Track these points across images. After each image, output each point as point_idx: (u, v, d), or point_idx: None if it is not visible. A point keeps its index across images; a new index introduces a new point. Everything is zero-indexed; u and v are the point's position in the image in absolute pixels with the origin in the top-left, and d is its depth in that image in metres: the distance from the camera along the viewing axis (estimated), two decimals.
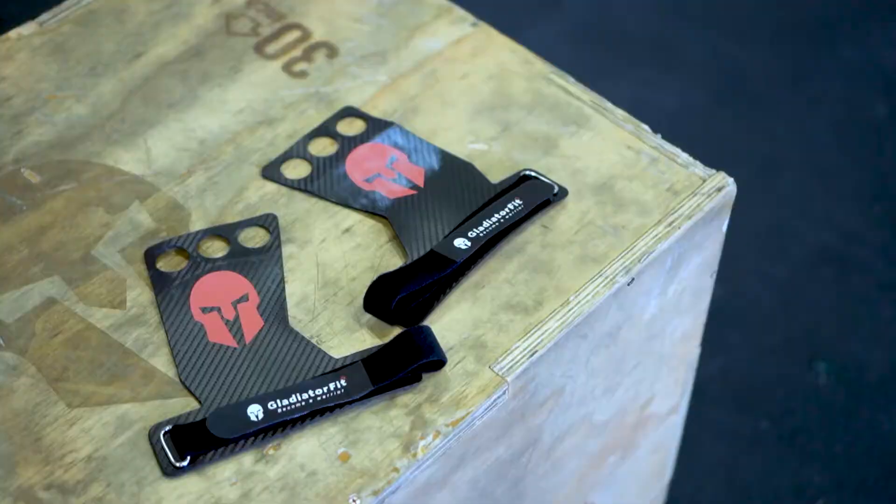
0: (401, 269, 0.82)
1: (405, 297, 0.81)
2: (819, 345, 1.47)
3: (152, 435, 0.77)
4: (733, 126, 1.71)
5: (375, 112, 0.93)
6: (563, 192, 0.88)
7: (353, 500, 0.75)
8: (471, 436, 0.79)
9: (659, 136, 0.93)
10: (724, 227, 0.92)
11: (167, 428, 0.77)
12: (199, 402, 0.78)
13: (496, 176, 0.90)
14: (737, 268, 1.54)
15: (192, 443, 0.76)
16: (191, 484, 0.75)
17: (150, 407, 0.78)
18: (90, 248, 0.86)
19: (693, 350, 1.01)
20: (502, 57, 0.97)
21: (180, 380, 0.79)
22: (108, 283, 0.84)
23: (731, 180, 0.90)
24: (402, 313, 0.82)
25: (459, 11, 1.00)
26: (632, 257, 0.85)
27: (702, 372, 1.45)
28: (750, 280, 1.53)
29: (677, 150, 0.92)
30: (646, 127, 0.93)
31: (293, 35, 0.98)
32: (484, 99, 0.94)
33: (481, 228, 0.85)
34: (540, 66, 0.96)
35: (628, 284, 0.85)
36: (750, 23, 1.83)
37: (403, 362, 0.78)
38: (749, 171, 1.64)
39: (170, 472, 0.76)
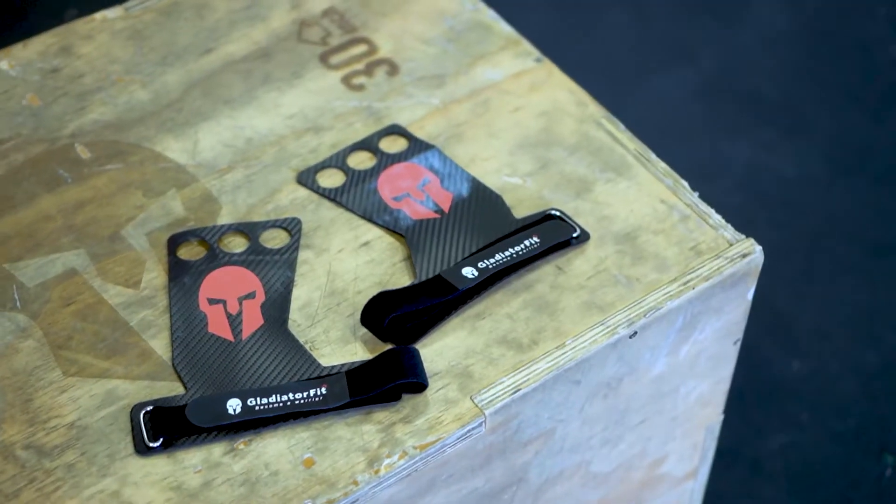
0: (402, 289, 0.84)
1: (400, 316, 0.82)
2: (892, 438, 1.43)
3: (134, 413, 0.79)
4: (850, 201, 1.67)
5: (421, 133, 0.95)
6: (584, 236, 0.88)
7: None
8: (441, 462, 0.80)
9: (696, 194, 0.92)
10: (749, 296, 0.91)
11: (148, 408, 0.79)
12: (185, 387, 0.81)
13: (523, 211, 0.90)
14: (822, 346, 1.50)
15: (168, 426, 0.78)
16: (159, 465, 0.78)
17: (138, 386, 0.81)
18: (120, 227, 0.89)
19: (713, 416, 0.99)
20: (558, 95, 0.97)
21: (172, 364, 0.82)
22: (129, 262, 0.87)
23: (758, 248, 0.88)
24: (395, 332, 0.83)
25: (527, 45, 1.01)
26: (637, 310, 0.85)
27: (763, 446, 1.43)
28: (833, 360, 1.49)
29: (710, 211, 0.91)
30: (685, 183, 0.92)
31: (360, 49, 1.00)
32: (529, 134, 0.95)
33: (492, 260, 0.85)
34: (593, 108, 0.97)
35: (630, 337, 0.84)
36: (885, 98, 1.79)
37: (383, 379, 0.79)
38: (857, 250, 1.60)
39: (142, 450, 0.78)
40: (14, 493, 0.76)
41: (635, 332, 0.85)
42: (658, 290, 0.86)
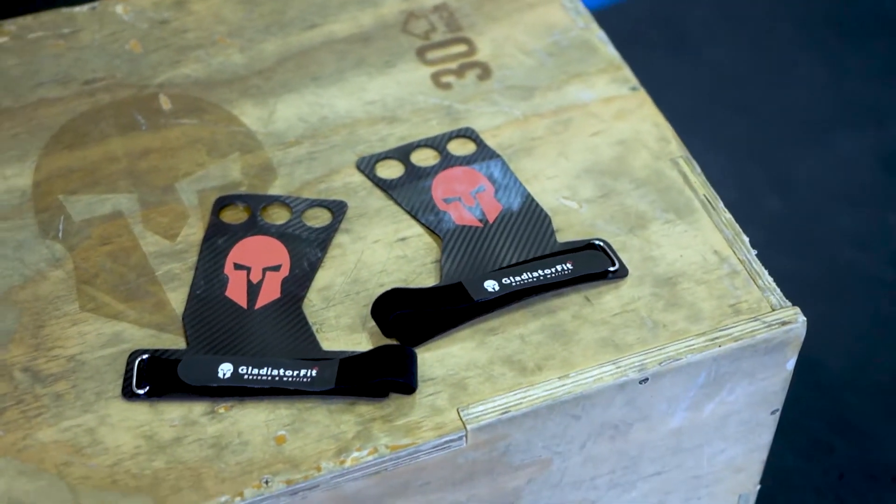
0: (417, 289, 0.83)
1: (407, 315, 0.81)
2: None
3: (131, 358, 0.81)
4: None
5: (493, 141, 0.94)
6: (622, 272, 0.86)
7: (265, 481, 0.76)
8: (416, 468, 0.79)
9: (755, 252, 0.88)
10: (789, 366, 0.86)
11: (145, 356, 0.81)
12: (187, 343, 0.82)
13: (570, 236, 0.88)
14: None
15: (157, 377, 0.80)
16: (139, 412, 0.79)
17: (145, 333, 0.83)
18: (176, 180, 0.91)
19: (748, 485, 0.95)
20: (642, 127, 0.94)
21: (182, 319, 0.83)
22: (174, 215, 0.89)
23: (802, 319, 0.84)
24: (399, 329, 0.82)
25: (627, 72, 0.98)
26: (654, 357, 0.82)
27: None
28: None
29: (763, 271, 0.86)
30: (745, 239, 0.88)
31: (459, 48, 1.00)
32: (600, 160, 0.92)
33: (517, 279, 0.84)
34: (674, 146, 0.93)
35: (640, 382, 0.81)
36: None
37: (371, 373, 0.79)
38: None
39: (127, 394, 0.80)
40: None
41: (646, 379, 0.82)
42: (681, 341, 0.82)
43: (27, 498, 0.75)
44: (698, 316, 0.84)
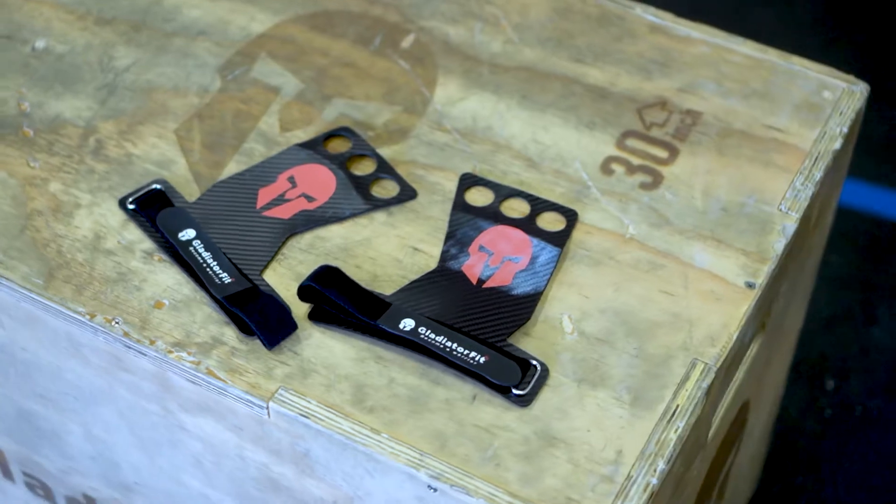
0: (347, 279, 0.86)
1: (314, 291, 0.85)
2: None
3: (150, 182, 0.93)
4: None
5: (580, 235, 0.91)
6: (524, 402, 0.82)
7: (116, 321, 0.86)
8: (229, 407, 0.84)
9: (655, 483, 0.79)
10: None
11: (156, 187, 0.93)
12: (195, 201, 0.92)
13: (529, 346, 0.85)
14: None
15: (146, 205, 0.91)
16: (114, 217, 0.92)
17: (184, 175, 0.94)
18: (338, 96, 1.00)
19: None
20: (708, 318, 0.87)
21: (213, 184, 0.94)
22: (304, 116, 0.98)
23: None
24: (306, 299, 0.86)
25: (764, 269, 0.89)
26: (453, 476, 0.79)
27: None
28: None
29: None
30: (661, 467, 0.80)
31: (659, 153, 0.96)
32: (636, 314, 0.87)
33: (432, 336, 0.84)
34: (711, 354, 0.85)
35: (429, 487, 0.79)
36: None
37: (248, 310, 0.85)
38: None
39: (121, 202, 0.92)
40: (46, 155, 0.95)
41: (435, 489, 0.79)
42: (490, 485, 0.78)
43: None
44: (532, 482, 0.79)
